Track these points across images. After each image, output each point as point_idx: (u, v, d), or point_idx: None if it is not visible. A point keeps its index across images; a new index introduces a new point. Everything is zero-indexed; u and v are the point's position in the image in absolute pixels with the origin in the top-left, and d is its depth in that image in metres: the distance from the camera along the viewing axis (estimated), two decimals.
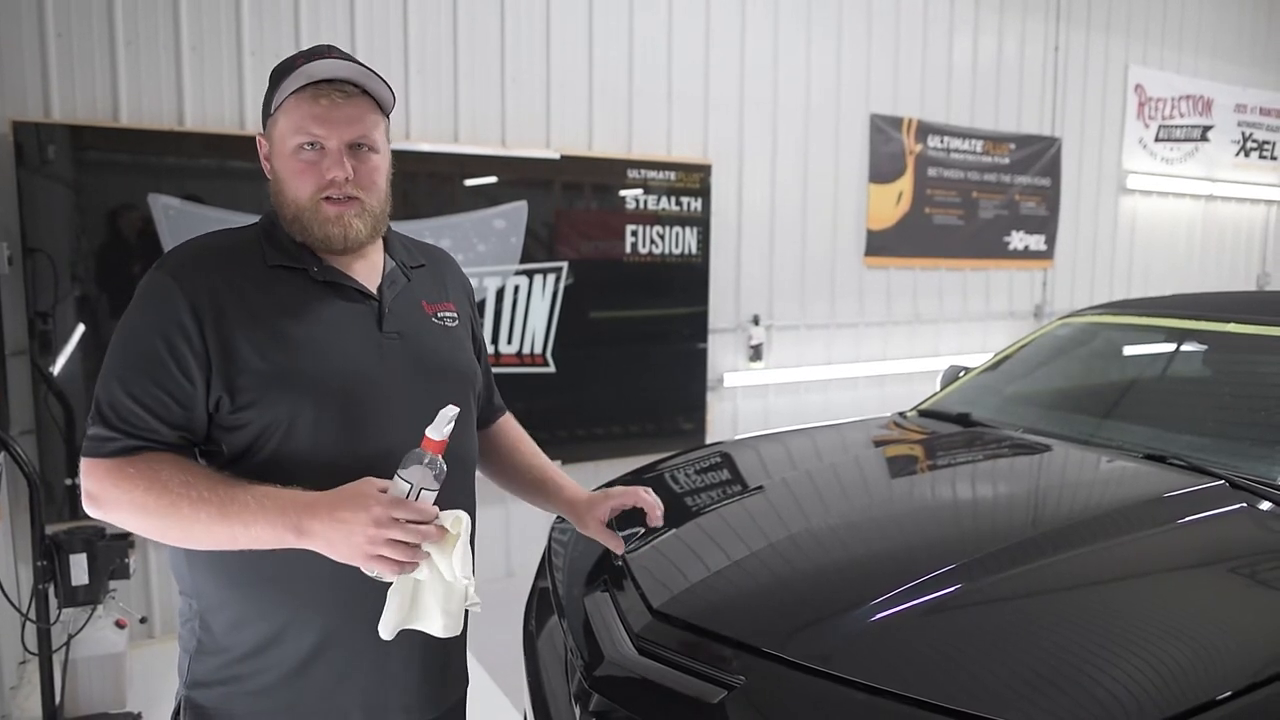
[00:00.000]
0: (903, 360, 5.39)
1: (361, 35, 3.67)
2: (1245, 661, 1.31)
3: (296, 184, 1.24)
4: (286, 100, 1.24)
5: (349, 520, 1.08)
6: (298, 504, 1.11)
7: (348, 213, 1.25)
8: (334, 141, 1.23)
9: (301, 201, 1.25)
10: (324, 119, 1.23)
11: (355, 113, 1.25)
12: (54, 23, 3.17)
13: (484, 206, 3.89)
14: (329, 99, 1.23)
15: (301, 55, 1.25)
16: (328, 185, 1.24)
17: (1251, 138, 6.98)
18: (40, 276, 3.11)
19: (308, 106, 1.22)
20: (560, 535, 2.17)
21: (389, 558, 1.09)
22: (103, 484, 1.15)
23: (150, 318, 1.19)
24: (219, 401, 1.19)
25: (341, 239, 1.26)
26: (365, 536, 1.07)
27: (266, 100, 1.29)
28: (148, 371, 1.17)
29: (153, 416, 1.16)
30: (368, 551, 1.08)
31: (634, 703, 1.42)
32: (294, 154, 1.24)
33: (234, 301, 1.21)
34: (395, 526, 1.07)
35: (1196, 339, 2.60)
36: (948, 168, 5.39)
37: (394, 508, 1.08)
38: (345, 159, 1.24)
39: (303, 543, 1.11)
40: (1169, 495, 1.90)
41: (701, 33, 4.49)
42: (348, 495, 1.11)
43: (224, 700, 1.27)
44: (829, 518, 1.94)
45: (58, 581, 2.67)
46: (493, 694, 3.01)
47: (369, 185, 1.27)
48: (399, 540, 1.08)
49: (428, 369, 1.31)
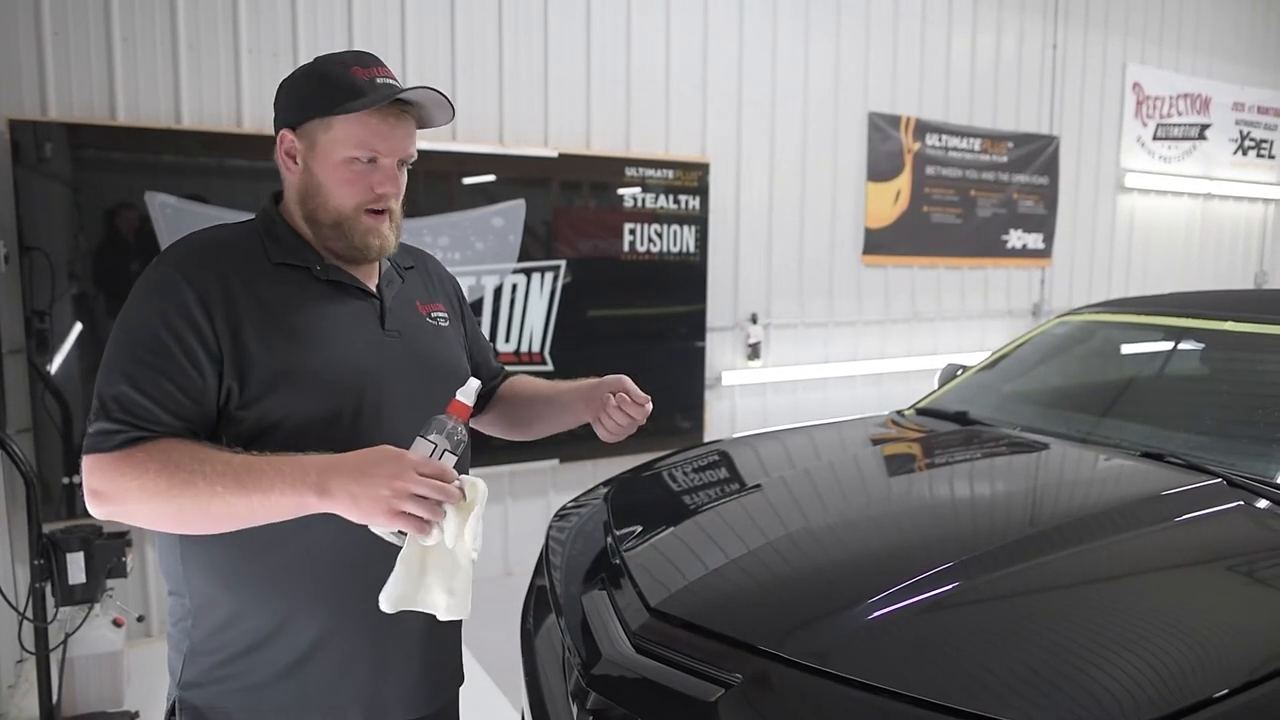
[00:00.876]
0: (900, 359, 5.39)
1: (359, 31, 3.67)
2: (1242, 659, 1.31)
3: (344, 192, 1.26)
4: (358, 111, 1.22)
5: (374, 474, 1.07)
6: (318, 465, 1.10)
7: (384, 225, 1.29)
8: (390, 159, 1.27)
9: (346, 210, 1.26)
10: (387, 136, 1.25)
11: (410, 130, 1.29)
12: (50, 21, 3.16)
13: (482, 205, 3.89)
14: (396, 117, 1.25)
15: (353, 62, 1.25)
16: (376, 199, 1.27)
17: (1249, 136, 6.99)
18: (37, 275, 3.11)
19: (376, 123, 1.23)
20: (558, 534, 2.17)
21: (413, 514, 1.07)
22: (108, 476, 1.12)
23: (157, 311, 1.17)
24: (229, 393, 1.18)
25: (378, 249, 1.30)
26: (390, 489, 1.06)
27: (308, 97, 1.26)
28: (155, 365, 1.15)
29: (161, 409, 1.14)
30: (393, 506, 1.07)
31: (631, 701, 1.41)
32: (346, 163, 1.25)
33: (242, 295, 1.21)
34: (420, 482, 1.07)
35: (1194, 337, 2.60)
36: (946, 166, 5.39)
37: (419, 464, 1.09)
38: (398, 175, 1.28)
39: (324, 504, 1.09)
40: (1166, 493, 1.90)
41: (699, 31, 4.48)
42: (371, 453, 1.10)
43: (218, 699, 1.26)
44: (827, 516, 1.94)
45: (55, 580, 2.67)
46: (490, 692, 3.01)
47: (400, 197, 1.32)
48: (423, 496, 1.07)
49: (426, 367, 1.33)
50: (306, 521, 1.19)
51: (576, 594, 1.80)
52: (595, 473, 4.08)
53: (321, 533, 1.21)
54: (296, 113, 1.27)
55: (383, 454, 1.10)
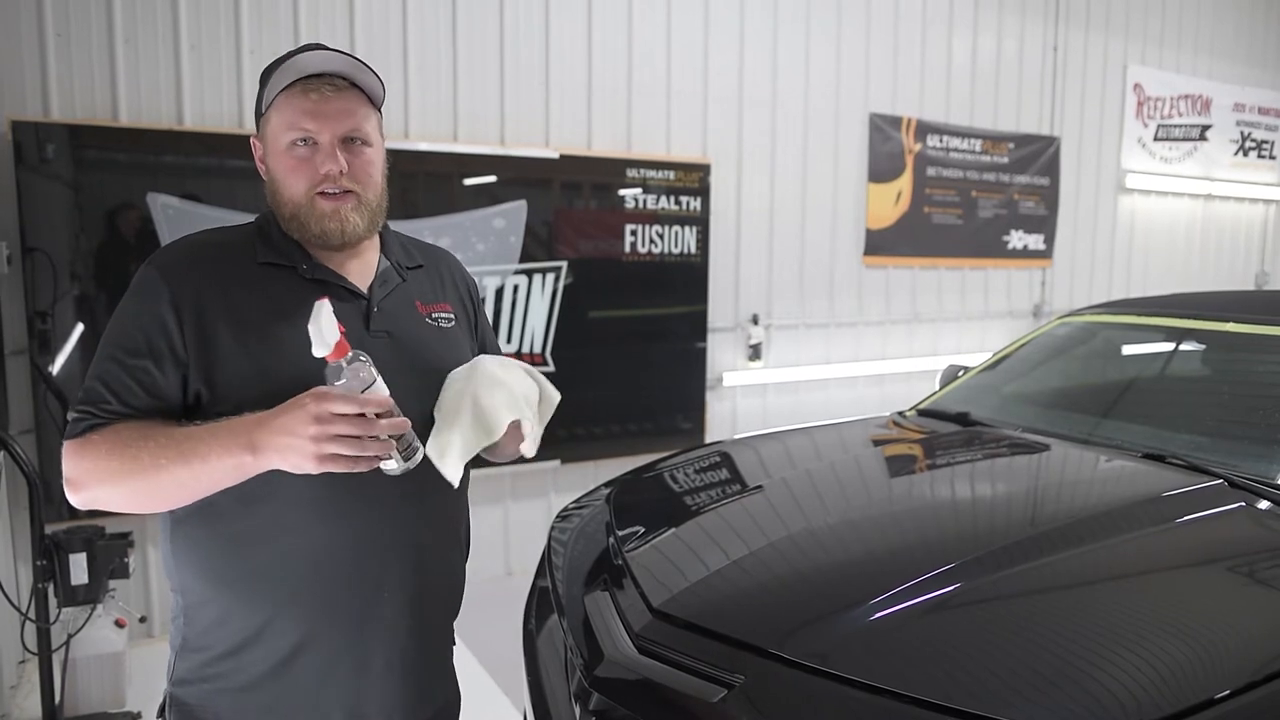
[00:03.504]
0: (901, 359, 5.39)
1: (360, 34, 3.67)
2: (1244, 660, 1.31)
3: (291, 181, 1.24)
4: (277, 97, 1.23)
5: (291, 424, 1.07)
6: (246, 423, 1.11)
7: (344, 207, 1.25)
8: (326, 136, 1.23)
9: (298, 198, 1.25)
10: (315, 113, 1.22)
11: (346, 106, 1.25)
12: (53, 22, 3.17)
13: (483, 206, 3.89)
14: (319, 93, 1.23)
15: (289, 54, 1.25)
16: (322, 180, 1.23)
17: (1250, 137, 6.99)
18: (39, 276, 3.11)
19: (298, 101, 1.22)
20: (560, 534, 2.17)
21: (341, 454, 1.07)
22: (72, 461, 1.16)
23: (133, 310, 1.21)
24: (198, 394, 1.20)
25: (339, 233, 1.26)
26: (309, 436, 1.06)
27: (258, 101, 1.29)
28: (121, 361, 1.19)
29: (117, 400, 1.18)
30: (315, 452, 1.07)
31: (634, 702, 1.42)
32: (287, 151, 1.24)
33: (218, 299, 1.22)
34: (339, 421, 1.06)
35: (1195, 338, 2.60)
36: (947, 167, 5.39)
37: (333, 403, 1.06)
38: (339, 153, 1.23)
39: (260, 462, 1.10)
40: (1167, 494, 1.90)
41: (701, 32, 4.49)
42: (291, 402, 1.10)
43: (207, 697, 1.27)
44: (828, 517, 1.94)
45: (57, 581, 2.67)
46: (492, 693, 3.01)
47: (364, 179, 1.27)
48: (346, 434, 1.07)
49: (416, 369, 1.30)
50: (283, 524, 1.21)
51: (579, 595, 1.80)
52: (597, 474, 4.09)
53: (299, 535, 1.22)
54: (256, 117, 1.30)
55: (298, 401, 1.09)
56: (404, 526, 1.29)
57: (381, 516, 1.26)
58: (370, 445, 1.09)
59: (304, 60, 1.23)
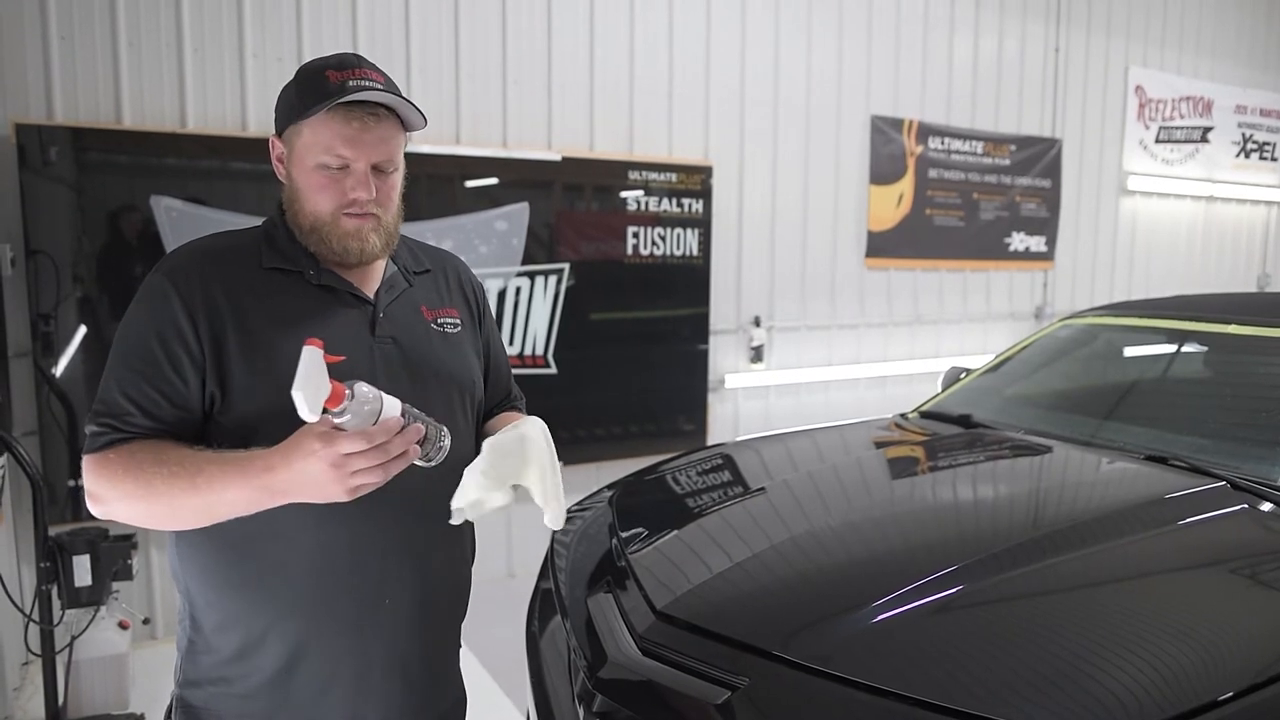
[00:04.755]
0: (903, 361, 5.40)
1: (363, 36, 3.68)
2: (1247, 662, 1.31)
3: (318, 198, 1.24)
4: (316, 113, 1.21)
5: (311, 473, 1.07)
6: (255, 468, 1.10)
7: (365, 227, 1.25)
8: (361, 164, 1.23)
9: (321, 215, 1.25)
10: (354, 141, 1.22)
11: (384, 134, 1.24)
12: (56, 25, 3.17)
13: (485, 208, 3.89)
14: (361, 121, 1.22)
15: (331, 65, 1.23)
16: (350, 204, 1.24)
17: (1252, 139, 6.99)
18: (43, 278, 3.12)
19: (339, 127, 1.21)
20: (563, 536, 2.17)
21: (369, 481, 1.08)
22: (92, 476, 1.17)
23: (146, 319, 1.21)
24: (212, 398, 1.20)
25: (359, 253, 1.26)
26: (331, 478, 1.07)
27: (287, 103, 1.26)
28: (141, 371, 1.18)
29: (141, 413, 1.18)
30: (344, 489, 1.08)
31: (637, 703, 1.42)
32: (317, 169, 1.23)
33: (227, 304, 1.22)
34: (355, 458, 1.06)
35: (1197, 340, 2.60)
36: (948, 169, 5.39)
37: (342, 445, 1.05)
38: (370, 180, 1.24)
39: (280, 501, 1.11)
40: (1170, 496, 1.90)
41: (702, 34, 4.49)
42: (295, 451, 1.08)
43: (213, 701, 1.27)
44: (831, 519, 1.94)
45: (61, 583, 2.68)
46: (495, 695, 3.02)
47: (386, 203, 1.28)
48: (368, 466, 1.07)
49: (421, 375, 1.30)
50: (278, 531, 1.21)
51: (582, 597, 1.81)
52: (599, 476, 4.09)
53: (295, 542, 1.23)
54: (280, 119, 1.28)
55: (307, 448, 1.06)
56: (405, 532, 1.29)
57: (382, 522, 1.26)
58: (394, 465, 1.09)
59: (352, 87, 1.20)
